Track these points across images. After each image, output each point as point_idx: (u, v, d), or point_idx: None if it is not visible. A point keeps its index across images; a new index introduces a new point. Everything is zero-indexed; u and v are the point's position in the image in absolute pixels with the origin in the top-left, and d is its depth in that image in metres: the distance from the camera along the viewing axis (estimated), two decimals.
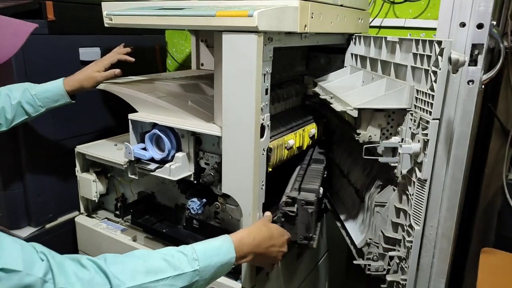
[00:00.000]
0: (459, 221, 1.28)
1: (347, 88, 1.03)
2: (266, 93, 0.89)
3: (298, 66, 1.40)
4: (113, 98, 1.16)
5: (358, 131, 0.87)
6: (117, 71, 1.15)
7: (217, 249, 0.75)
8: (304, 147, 1.22)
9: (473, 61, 0.65)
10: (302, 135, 1.19)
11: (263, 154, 0.91)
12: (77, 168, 1.24)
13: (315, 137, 1.27)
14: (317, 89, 1.19)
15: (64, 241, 1.41)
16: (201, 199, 1.06)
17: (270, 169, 1.02)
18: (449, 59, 0.64)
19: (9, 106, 1.07)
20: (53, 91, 1.10)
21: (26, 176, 1.36)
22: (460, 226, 1.28)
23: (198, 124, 1.00)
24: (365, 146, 0.85)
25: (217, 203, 1.05)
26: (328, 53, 1.41)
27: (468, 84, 0.67)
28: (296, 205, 0.91)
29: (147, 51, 1.83)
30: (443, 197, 0.74)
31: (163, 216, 1.17)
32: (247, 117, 0.84)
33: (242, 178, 0.87)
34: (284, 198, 0.92)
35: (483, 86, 0.68)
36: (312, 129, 1.24)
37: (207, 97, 1.18)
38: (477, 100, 0.69)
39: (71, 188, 1.35)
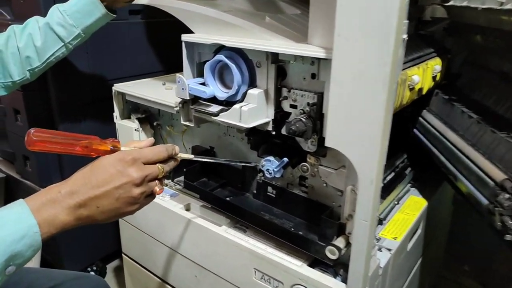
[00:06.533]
0: None
1: None
2: None
3: None
4: (160, 30, 0.85)
5: None
6: None
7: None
8: (424, 91, 0.86)
9: None
10: (425, 72, 0.83)
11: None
12: (116, 113, 0.97)
13: (437, 79, 0.90)
14: (452, 2, 0.80)
15: None
16: (281, 158, 0.74)
17: None
18: None
19: (37, 31, 0.83)
20: (83, 0, 0.81)
21: (58, 125, 1.11)
22: None
23: (284, 44, 0.67)
24: None
25: (306, 164, 0.73)
26: None
27: None
28: None
29: None
30: None
31: (226, 179, 0.87)
32: (384, 19, 0.49)
33: (364, 124, 0.53)
34: None
35: None
36: (436, 65, 0.87)
37: (289, 15, 0.84)
38: None
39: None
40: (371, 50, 0.50)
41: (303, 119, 0.66)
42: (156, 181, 0.57)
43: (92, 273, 1.30)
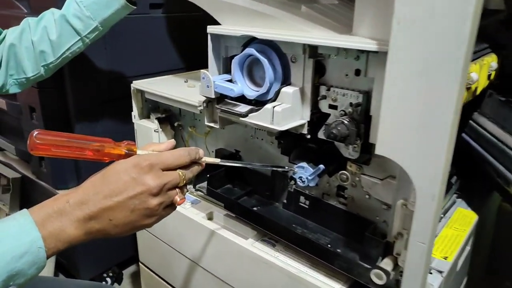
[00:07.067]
0: None
1: None
2: None
3: None
4: (183, 25, 0.79)
5: None
6: None
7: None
8: (478, 91, 0.76)
9: None
10: (481, 70, 0.73)
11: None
12: (134, 112, 0.90)
13: (491, 78, 0.80)
14: None
15: None
16: (316, 164, 0.66)
17: None
18: None
19: (52, 23, 0.77)
20: None
21: (74, 124, 1.06)
22: None
23: (325, 35, 0.58)
24: None
25: (345, 172, 0.65)
26: None
27: None
28: None
29: None
30: None
31: (253, 186, 0.79)
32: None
33: (427, 129, 0.45)
34: None
35: None
36: (492, 62, 0.77)
37: (326, 5, 0.76)
38: None
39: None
40: (440, 40, 0.41)
41: (346, 122, 0.58)
42: (177, 189, 0.50)
43: (108, 279, 1.25)
